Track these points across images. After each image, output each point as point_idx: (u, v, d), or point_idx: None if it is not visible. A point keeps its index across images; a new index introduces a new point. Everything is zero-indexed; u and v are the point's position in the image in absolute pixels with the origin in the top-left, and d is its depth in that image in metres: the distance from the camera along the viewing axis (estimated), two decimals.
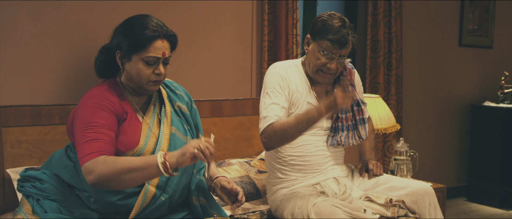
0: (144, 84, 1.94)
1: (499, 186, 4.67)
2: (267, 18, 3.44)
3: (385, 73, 4.14)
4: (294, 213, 2.30)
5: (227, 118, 3.08)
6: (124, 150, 1.89)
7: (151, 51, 1.89)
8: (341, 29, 2.32)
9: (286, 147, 2.41)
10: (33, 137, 2.47)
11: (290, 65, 2.47)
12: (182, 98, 2.16)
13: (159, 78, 1.94)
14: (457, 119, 4.94)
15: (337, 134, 2.46)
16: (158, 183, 1.93)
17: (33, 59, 2.70)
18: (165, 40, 1.93)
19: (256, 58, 3.51)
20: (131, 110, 1.98)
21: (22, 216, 1.96)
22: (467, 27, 4.86)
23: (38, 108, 2.51)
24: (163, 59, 1.94)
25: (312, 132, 2.42)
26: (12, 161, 2.43)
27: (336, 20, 2.35)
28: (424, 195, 2.44)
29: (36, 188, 1.99)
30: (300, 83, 2.43)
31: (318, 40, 2.34)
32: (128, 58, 1.92)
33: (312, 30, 2.39)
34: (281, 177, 2.46)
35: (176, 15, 3.16)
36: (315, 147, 2.45)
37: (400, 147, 3.22)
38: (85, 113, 1.86)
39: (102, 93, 1.92)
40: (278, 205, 2.42)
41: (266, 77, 2.44)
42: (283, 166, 2.45)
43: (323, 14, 2.41)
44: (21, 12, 2.65)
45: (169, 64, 2.00)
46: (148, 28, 1.90)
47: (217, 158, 3.02)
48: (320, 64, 2.36)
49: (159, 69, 1.92)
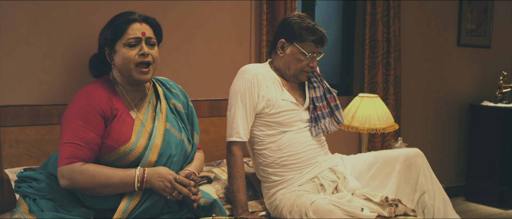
0: (132, 71, 1.97)
1: (497, 185, 4.68)
2: (265, 18, 3.44)
3: (384, 73, 4.15)
4: (292, 212, 2.31)
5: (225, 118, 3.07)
6: (116, 146, 1.92)
7: (130, 33, 1.95)
8: (317, 27, 2.42)
9: (273, 149, 2.44)
10: (31, 136, 2.47)
11: (259, 67, 2.51)
12: (177, 97, 2.18)
13: (144, 59, 1.97)
14: (455, 119, 4.94)
15: (319, 122, 2.51)
16: None
17: (31, 59, 2.70)
18: (143, 23, 2.00)
19: (254, 58, 3.51)
20: (122, 107, 2.00)
21: (19, 215, 1.97)
22: (465, 27, 4.86)
23: (37, 108, 2.51)
24: (146, 40, 1.98)
25: (295, 129, 2.46)
26: (10, 161, 2.43)
27: (308, 19, 2.44)
28: (415, 157, 2.55)
29: (32, 188, 2.00)
30: (271, 83, 2.46)
31: (299, 43, 2.41)
32: (113, 50, 1.99)
33: (288, 34, 2.43)
34: (277, 180, 2.46)
35: (174, 15, 3.16)
36: (303, 143, 2.47)
37: (399, 147, 3.22)
38: (69, 114, 1.93)
39: (92, 92, 1.96)
40: (277, 205, 2.42)
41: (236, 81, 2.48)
42: (276, 168, 2.45)
43: (290, 16, 2.47)
44: (20, 11, 2.65)
45: (157, 48, 2.04)
46: (125, 15, 1.99)
47: (216, 158, 3.02)
48: (305, 65, 2.45)
49: (143, 48, 1.96)
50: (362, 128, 3.29)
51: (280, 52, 2.47)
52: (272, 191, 2.48)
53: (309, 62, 2.45)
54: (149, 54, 1.98)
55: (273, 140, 2.44)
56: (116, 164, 1.93)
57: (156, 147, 1.96)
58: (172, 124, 2.06)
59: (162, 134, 2.00)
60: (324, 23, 4.22)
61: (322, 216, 2.19)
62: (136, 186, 1.86)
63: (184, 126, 2.13)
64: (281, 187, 2.44)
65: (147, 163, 1.94)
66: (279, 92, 2.45)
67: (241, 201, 2.35)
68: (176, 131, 2.06)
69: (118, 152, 1.92)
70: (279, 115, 2.42)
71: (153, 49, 2.01)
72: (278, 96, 2.44)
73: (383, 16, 4.08)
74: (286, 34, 2.44)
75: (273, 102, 2.42)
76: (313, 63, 2.46)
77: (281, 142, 2.43)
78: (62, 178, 1.84)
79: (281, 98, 2.44)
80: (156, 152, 1.96)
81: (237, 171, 2.37)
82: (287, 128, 2.44)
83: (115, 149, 1.92)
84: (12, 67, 2.63)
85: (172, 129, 2.04)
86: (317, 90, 2.55)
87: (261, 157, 2.47)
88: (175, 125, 2.07)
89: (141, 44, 1.97)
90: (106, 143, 1.92)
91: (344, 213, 2.17)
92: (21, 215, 1.96)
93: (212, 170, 2.71)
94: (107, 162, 1.94)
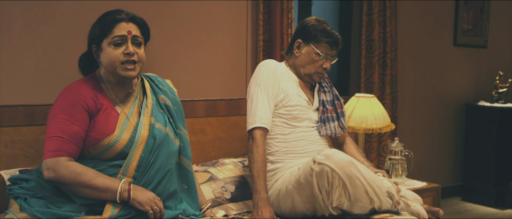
0: (118, 69, 1.98)
1: (494, 185, 4.69)
2: (262, 18, 3.44)
3: (380, 73, 4.15)
4: (299, 172, 2.30)
5: (222, 118, 3.07)
6: (100, 138, 1.95)
7: (116, 32, 1.97)
8: (333, 31, 2.57)
9: (280, 140, 2.52)
10: (27, 136, 2.47)
11: (277, 63, 2.63)
12: (166, 93, 2.20)
13: (130, 58, 1.98)
14: (451, 119, 4.95)
15: (328, 124, 2.62)
16: (134, 174, 1.97)
17: (27, 59, 2.69)
18: (130, 23, 2.00)
19: (251, 58, 3.51)
20: (107, 102, 2.02)
21: (11, 215, 1.97)
22: (461, 27, 4.87)
23: (32, 108, 2.50)
24: (133, 39, 1.99)
25: (304, 126, 2.56)
26: (6, 161, 2.42)
27: (325, 24, 2.58)
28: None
29: (23, 188, 2.02)
30: (288, 79, 2.58)
31: (315, 44, 2.55)
32: (100, 47, 2.00)
33: (305, 35, 2.57)
34: (278, 167, 2.50)
35: (171, 15, 3.15)
36: (308, 140, 2.56)
37: (395, 147, 3.22)
38: (54, 109, 1.97)
39: (76, 88, 2.00)
40: (279, 189, 2.43)
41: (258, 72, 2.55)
42: (279, 156, 2.52)
43: (308, 20, 2.61)
44: (16, 11, 2.64)
45: (144, 47, 2.05)
46: (112, 14, 2.00)
47: (212, 157, 3.01)
48: (318, 65, 2.57)
49: (128, 48, 1.97)
50: (359, 128, 3.29)
51: (296, 52, 2.60)
52: (271, 182, 2.50)
53: (323, 63, 2.56)
54: (135, 53, 1.99)
55: (282, 132, 2.52)
56: (101, 157, 1.97)
57: (141, 141, 1.99)
58: (158, 119, 2.08)
59: (147, 128, 2.03)
60: None
61: (329, 155, 2.15)
62: (119, 193, 1.88)
63: (172, 121, 2.15)
64: (279, 176, 2.48)
65: (132, 159, 1.97)
66: (295, 88, 2.57)
67: (261, 187, 2.33)
68: (161, 125, 2.08)
69: (103, 144, 1.95)
70: (294, 108, 2.52)
71: (139, 49, 2.02)
72: (293, 91, 2.55)
73: (379, 16, 4.08)
74: (303, 35, 2.58)
75: (290, 96, 2.53)
76: (326, 65, 2.58)
77: (289, 136, 2.53)
78: (47, 170, 1.87)
79: (296, 93, 2.56)
80: (141, 147, 1.99)
81: (259, 156, 2.39)
82: (297, 123, 2.54)
83: (99, 140, 1.95)
84: (7, 67, 2.63)
85: (157, 123, 2.07)
86: (327, 94, 2.67)
87: (266, 145, 2.53)
88: (160, 120, 2.09)
89: (127, 43, 1.98)
90: (90, 135, 1.95)
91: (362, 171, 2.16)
92: (13, 215, 1.96)
93: (208, 170, 2.71)
94: (92, 154, 1.97)
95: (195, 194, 2.20)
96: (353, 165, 2.13)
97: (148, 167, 1.99)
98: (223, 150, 3.08)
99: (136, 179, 1.98)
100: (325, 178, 2.13)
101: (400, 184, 3.17)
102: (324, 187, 2.15)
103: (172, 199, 2.08)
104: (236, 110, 3.14)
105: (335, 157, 2.14)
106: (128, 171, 1.96)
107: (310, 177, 2.20)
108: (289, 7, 3.49)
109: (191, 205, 2.16)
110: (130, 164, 1.97)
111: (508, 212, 4.54)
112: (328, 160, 2.13)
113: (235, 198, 2.58)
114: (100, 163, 1.97)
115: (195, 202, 2.19)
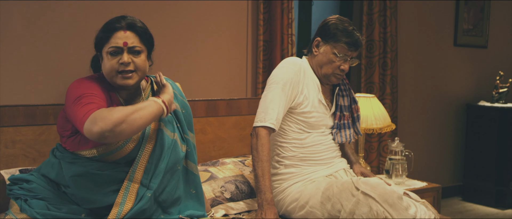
0: (114, 78, 1.95)
1: (494, 185, 4.68)
2: (262, 18, 3.44)
3: (380, 73, 4.15)
4: (325, 198, 2.28)
5: (222, 118, 3.07)
6: None
7: (112, 42, 1.93)
8: (354, 32, 2.45)
9: (296, 146, 2.46)
10: (27, 137, 2.47)
11: (304, 62, 2.53)
12: (175, 96, 2.17)
13: (125, 68, 1.94)
14: (452, 119, 4.95)
15: (344, 131, 2.57)
16: (141, 179, 1.95)
17: (27, 59, 2.69)
18: (128, 31, 1.95)
19: (251, 58, 3.51)
20: (118, 102, 2.00)
21: (11, 216, 1.97)
22: (462, 27, 4.87)
23: (33, 108, 2.50)
24: (129, 49, 1.94)
25: (319, 132, 2.50)
26: (6, 161, 2.42)
27: (347, 23, 2.47)
28: None
29: (23, 189, 2.01)
30: (312, 82, 2.50)
31: (333, 43, 2.45)
32: (101, 56, 1.98)
33: (324, 33, 2.47)
34: (293, 172, 2.46)
35: (171, 15, 3.15)
36: (324, 145, 2.51)
37: (395, 147, 3.22)
38: (75, 91, 1.88)
39: (90, 81, 1.96)
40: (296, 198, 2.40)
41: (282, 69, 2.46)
42: (294, 161, 2.47)
43: (330, 18, 2.51)
44: (17, 12, 2.64)
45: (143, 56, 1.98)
46: (113, 23, 1.96)
47: (212, 157, 3.01)
48: (336, 66, 2.46)
49: (123, 58, 1.93)
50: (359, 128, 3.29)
51: (315, 50, 2.51)
52: (284, 185, 2.47)
53: (341, 64, 2.46)
54: (130, 62, 1.94)
55: (298, 137, 2.47)
56: (105, 158, 1.93)
57: (148, 147, 1.98)
58: (166, 124, 2.06)
59: (155, 134, 2.01)
60: None
61: (374, 186, 2.18)
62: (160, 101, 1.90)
63: (179, 126, 2.13)
64: (296, 181, 2.45)
65: (139, 164, 1.96)
66: (316, 92, 2.49)
67: (266, 187, 2.31)
68: (169, 131, 2.06)
69: (110, 146, 1.92)
70: (311, 115, 2.46)
71: (137, 57, 1.96)
72: (315, 96, 2.48)
73: (379, 16, 4.08)
74: (323, 34, 2.48)
75: (310, 101, 2.45)
76: (344, 66, 2.47)
77: (305, 141, 2.47)
78: (93, 124, 1.71)
79: (317, 98, 2.48)
80: (148, 152, 1.97)
81: (264, 155, 2.33)
82: (313, 129, 2.48)
83: None
84: (8, 67, 2.63)
85: (165, 128, 2.04)
86: (345, 99, 2.60)
87: (281, 149, 2.49)
88: (168, 125, 2.07)
89: (122, 53, 1.94)
90: None
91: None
92: (13, 215, 1.96)
93: (208, 170, 2.71)
94: (97, 155, 1.92)
95: (203, 198, 2.19)
96: (396, 193, 2.16)
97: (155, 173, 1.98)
98: (223, 150, 3.08)
99: (145, 185, 1.96)
100: (366, 208, 2.13)
101: (401, 184, 3.18)
102: (360, 215, 2.14)
103: (176, 205, 2.07)
104: (237, 110, 3.14)
105: (380, 186, 2.17)
106: (135, 177, 1.94)
107: (346, 202, 2.19)
108: (289, 7, 3.49)
109: (199, 209, 2.14)
110: (137, 169, 1.95)
111: (508, 212, 4.54)
112: (373, 191, 2.15)
113: (235, 197, 2.58)
114: (105, 166, 1.93)
115: (203, 206, 2.18)
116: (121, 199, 1.91)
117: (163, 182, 2.00)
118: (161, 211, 2.02)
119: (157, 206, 2.00)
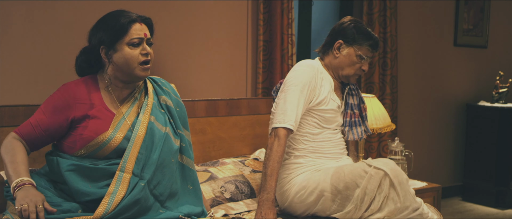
0: (135, 69, 2.02)
1: (494, 185, 4.68)
2: (262, 18, 3.44)
3: (380, 73, 4.15)
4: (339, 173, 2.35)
5: (222, 118, 3.07)
6: (94, 136, 1.98)
7: (133, 33, 2.00)
8: (373, 33, 2.57)
9: (308, 139, 2.52)
10: None
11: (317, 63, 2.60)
12: (168, 94, 2.22)
13: (147, 58, 2.03)
14: (452, 119, 4.95)
15: (355, 128, 2.64)
16: (133, 169, 1.98)
17: (27, 59, 2.69)
18: (142, 24, 2.05)
19: (251, 58, 3.51)
20: (101, 103, 2.04)
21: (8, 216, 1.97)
22: (462, 27, 4.87)
23: (33, 108, 2.50)
24: (147, 41, 2.04)
25: (331, 128, 2.57)
26: None
27: (364, 26, 2.57)
28: None
29: None
30: (327, 82, 2.57)
31: (356, 46, 2.54)
32: (113, 49, 2.01)
33: (346, 36, 2.54)
34: (301, 163, 2.51)
35: (171, 15, 3.15)
36: (334, 142, 2.58)
37: (395, 147, 3.22)
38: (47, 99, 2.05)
39: (72, 88, 2.05)
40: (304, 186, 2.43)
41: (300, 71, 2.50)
42: (304, 153, 2.52)
43: (348, 20, 2.58)
44: (16, 12, 2.64)
45: (153, 45, 2.08)
46: (123, 16, 2.02)
47: (212, 157, 3.02)
48: (358, 67, 2.56)
49: (145, 48, 2.02)
50: None
51: (336, 53, 2.57)
52: (291, 175, 2.50)
53: (362, 65, 2.57)
54: (149, 53, 2.04)
55: (311, 132, 2.52)
56: (96, 155, 1.99)
57: (138, 138, 2.01)
58: (157, 118, 2.10)
59: (145, 126, 2.04)
60: (321, 24, 4.23)
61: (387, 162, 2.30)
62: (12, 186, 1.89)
63: (172, 121, 2.17)
64: (303, 170, 2.49)
65: (130, 155, 1.98)
66: (330, 92, 2.56)
67: (271, 187, 2.34)
68: (160, 124, 2.10)
69: (97, 141, 1.98)
70: (327, 112, 2.53)
71: (151, 49, 2.07)
72: (329, 96, 2.55)
73: (379, 16, 4.08)
74: (344, 37, 2.55)
75: (325, 101, 2.52)
76: (365, 67, 2.58)
77: (318, 136, 2.53)
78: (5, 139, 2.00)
79: (331, 97, 2.55)
80: (139, 143, 2.00)
81: (278, 156, 2.38)
82: (328, 124, 2.55)
83: (94, 138, 1.97)
84: (7, 67, 2.63)
85: (156, 122, 2.08)
86: (354, 97, 2.68)
87: (293, 141, 2.54)
88: (160, 119, 2.11)
89: (143, 43, 2.03)
90: (84, 134, 1.98)
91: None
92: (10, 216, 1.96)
93: (208, 170, 2.71)
94: (88, 153, 1.99)
95: (200, 194, 2.20)
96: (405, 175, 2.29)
97: (147, 164, 2.00)
98: (223, 150, 3.08)
99: (137, 175, 1.98)
100: (377, 182, 2.24)
101: None
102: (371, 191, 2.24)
103: (173, 199, 2.08)
104: (237, 110, 3.14)
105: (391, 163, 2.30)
106: (126, 167, 1.97)
107: (360, 179, 2.27)
108: (289, 7, 3.49)
109: (197, 204, 2.16)
110: (128, 160, 1.98)
111: (509, 212, 4.54)
112: (385, 166, 2.26)
113: (235, 197, 2.58)
114: (97, 161, 1.99)
115: (201, 201, 2.19)
116: (113, 188, 1.94)
117: (158, 175, 2.02)
118: (159, 206, 2.03)
119: (154, 200, 2.01)
